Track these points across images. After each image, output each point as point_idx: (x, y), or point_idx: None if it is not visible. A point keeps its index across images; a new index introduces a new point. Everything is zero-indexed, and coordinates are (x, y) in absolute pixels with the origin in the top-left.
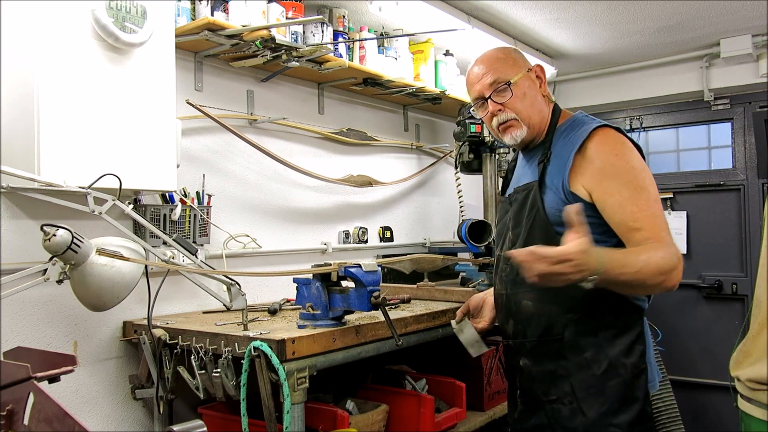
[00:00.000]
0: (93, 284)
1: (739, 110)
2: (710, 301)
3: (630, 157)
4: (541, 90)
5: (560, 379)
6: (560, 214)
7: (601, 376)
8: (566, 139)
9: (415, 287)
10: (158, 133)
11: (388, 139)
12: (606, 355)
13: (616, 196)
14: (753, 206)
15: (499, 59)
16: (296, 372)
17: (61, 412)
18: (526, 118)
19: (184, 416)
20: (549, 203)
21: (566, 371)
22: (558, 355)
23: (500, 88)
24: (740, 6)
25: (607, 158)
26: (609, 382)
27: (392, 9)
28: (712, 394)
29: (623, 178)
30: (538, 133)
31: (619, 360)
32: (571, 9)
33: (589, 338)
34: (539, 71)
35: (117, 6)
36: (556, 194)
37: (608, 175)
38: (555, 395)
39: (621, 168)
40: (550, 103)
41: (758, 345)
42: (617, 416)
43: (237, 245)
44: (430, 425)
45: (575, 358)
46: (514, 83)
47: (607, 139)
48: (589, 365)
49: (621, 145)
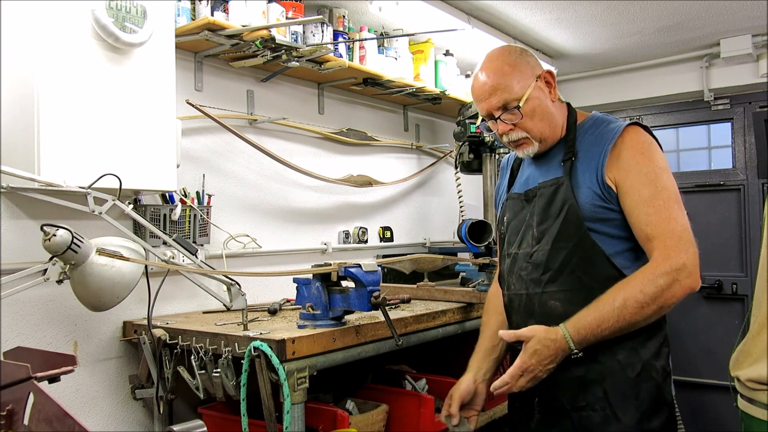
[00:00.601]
0: (93, 284)
1: (739, 110)
2: (710, 301)
3: (656, 157)
4: (551, 96)
5: (591, 384)
6: (595, 210)
7: (635, 379)
8: (593, 136)
9: (415, 287)
10: (158, 133)
11: (388, 139)
12: (640, 357)
13: (635, 195)
14: (753, 206)
15: (506, 74)
16: (296, 372)
17: (61, 412)
18: (537, 135)
19: (184, 416)
20: (583, 198)
21: (599, 375)
22: (588, 359)
23: (509, 109)
24: (740, 6)
25: (633, 155)
26: (643, 385)
27: (392, 9)
28: (712, 394)
29: (646, 177)
30: (554, 140)
31: (651, 363)
32: (571, 9)
33: (622, 340)
34: (548, 77)
35: (117, 6)
36: (590, 189)
37: (632, 172)
38: (584, 401)
39: (645, 167)
40: (562, 104)
41: (758, 345)
42: (651, 421)
43: (237, 245)
44: (430, 425)
45: (608, 361)
46: (528, 101)
47: (637, 137)
48: (623, 368)
49: (649, 144)
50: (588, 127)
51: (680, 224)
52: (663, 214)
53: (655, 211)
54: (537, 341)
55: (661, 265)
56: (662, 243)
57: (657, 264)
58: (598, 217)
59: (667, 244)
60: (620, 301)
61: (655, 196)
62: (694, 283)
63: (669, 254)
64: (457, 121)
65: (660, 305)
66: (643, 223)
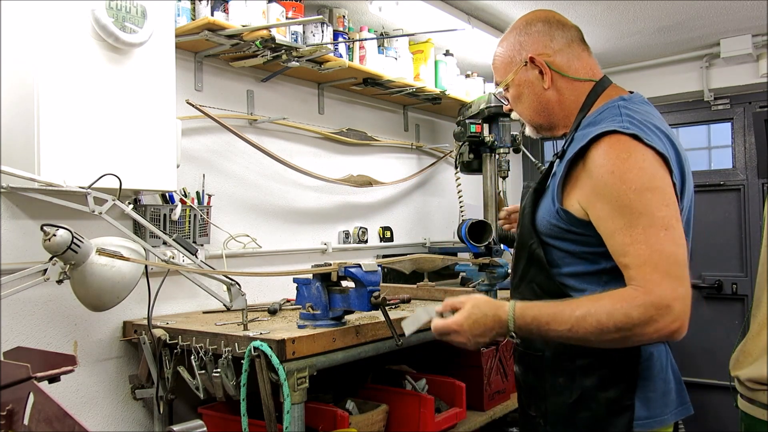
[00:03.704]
0: (93, 284)
1: (739, 110)
2: (710, 301)
3: (631, 176)
4: (544, 83)
5: (539, 397)
6: (550, 227)
7: (572, 405)
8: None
9: (415, 287)
10: (158, 133)
11: (388, 139)
12: (579, 384)
13: (608, 223)
14: (753, 206)
15: (496, 57)
16: (296, 372)
17: (61, 412)
18: (527, 118)
19: (184, 416)
20: (542, 212)
21: (543, 391)
22: (539, 371)
23: (501, 89)
24: (740, 6)
25: (602, 175)
26: (579, 414)
27: (392, 9)
28: (712, 394)
29: (617, 202)
30: (555, 127)
31: (592, 393)
32: (571, 9)
33: (565, 362)
34: (537, 61)
35: (117, 6)
36: (551, 204)
37: (600, 196)
38: (533, 411)
39: (615, 190)
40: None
41: (758, 345)
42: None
43: (237, 245)
44: (430, 425)
45: (551, 379)
46: (508, 87)
47: (609, 150)
48: (561, 391)
49: (623, 161)
50: (590, 121)
51: (666, 256)
52: (643, 244)
53: (632, 241)
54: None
55: (640, 297)
56: (641, 276)
57: (637, 294)
58: (555, 234)
59: (646, 278)
60: (581, 313)
61: (630, 224)
62: (679, 328)
63: (652, 289)
64: (457, 121)
65: (623, 337)
66: (620, 254)
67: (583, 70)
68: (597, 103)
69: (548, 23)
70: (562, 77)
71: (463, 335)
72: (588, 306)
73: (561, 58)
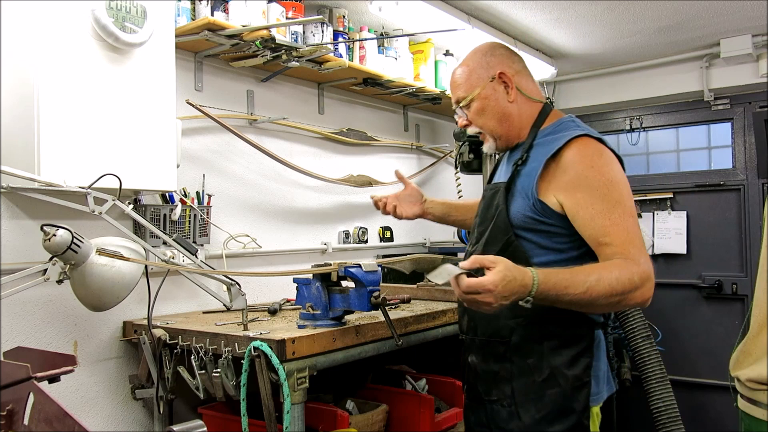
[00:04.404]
0: (93, 284)
1: (739, 110)
2: (710, 301)
3: (606, 170)
4: (509, 97)
5: (502, 381)
6: (525, 219)
7: (541, 383)
8: (546, 144)
9: (415, 287)
10: (158, 133)
11: (388, 139)
12: (549, 363)
13: (588, 209)
14: (753, 206)
15: (461, 75)
16: (296, 372)
17: (61, 412)
18: (489, 131)
19: (184, 416)
20: (516, 207)
21: (509, 374)
22: (503, 357)
23: (463, 105)
24: (740, 6)
25: (582, 170)
26: (548, 391)
27: (392, 9)
28: (712, 394)
29: (597, 192)
30: (513, 138)
31: (561, 370)
32: (571, 9)
33: (534, 345)
34: (504, 77)
35: (117, 6)
36: (525, 199)
37: (581, 187)
38: (495, 396)
39: (595, 181)
40: (533, 104)
41: (758, 345)
42: (552, 425)
43: (237, 245)
44: (430, 425)
45: (519, 362)
46: (473, 101)
47: (584, 149)
48: (531, 371)
49: (598, 157)
50: (547, 132)
51: (639, 239)
52: (621, 226)
53: (612, 223)
54: (507, 269)
55: (634, 266)
56: (625, 250)
57: (629, 263)
58: (529, 227)
59: (630, 252)
60: (595, 277)
61: (609, 209)
62: (650, 298)
63: (638, 261)
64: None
65: (620, 300)
66: (600, 234)
67: (535, 92)
68: (547, 121)
69: (508, 50)
70: (521, 94)
71: (493, 295)
72: (599, 272)
73: (519, 78)
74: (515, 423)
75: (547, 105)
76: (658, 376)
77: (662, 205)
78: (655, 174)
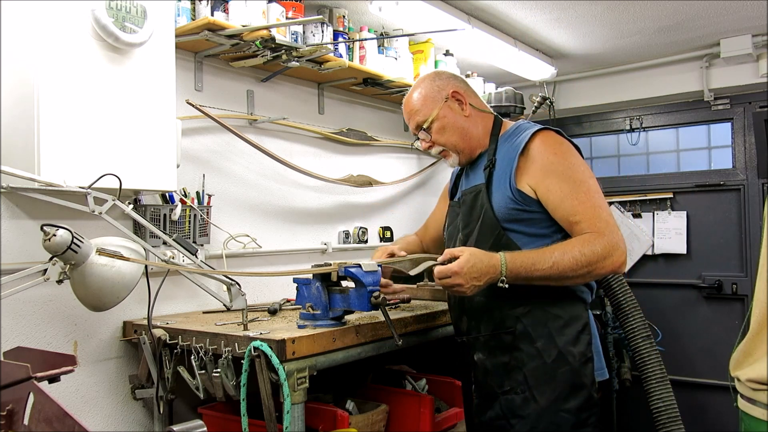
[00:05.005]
0: (93, 284)
1: (739, 110)
2: (710, 301)
3: (568, 155)
4: (464, 112)
5: (513, 369)
6: (509, 212)
7: (552, 364)
8: (510, 145)
9: (415, 287)
10: (158, 133)
11: (388, 139)
12: (556, 344)
13: (557, 191)
14: (753, 206)
15: (417, 101)
16: (296, 372)
17: (61, 412)
18: (452, 147)
19: (184, 416)
20: (497, 202)
21: (519, 362)
22: (511, 347)
23: (423, 129)
24: (740, 6)
25: (547, 157)
26: (559, 370)
27: (392, 9)
28: (712, 394)
29: (563, 175)
30: (475, 149)
31: (568, 348)
32: (571, 9)
33: (540, 329)
34: (457, 95)
35: (117, 6)
36: (503, 193)
37: (549, 172)
38: (509, 386)
39: (560, 165)
40: (485, 116)
41: (758, 345)
42: (567, 402)
43: (237, 245)
44: (430, 425)
45: (528, 348)
46: (433, 122)
47: (546, 140)
48: (540, 355)
49: (559, 145)
50: (508, 136)
51: (606, 212)
52: (587, 203)
53: (579, 202)
54: (472, 254)
55: (598, 238)
56: (593, 225)
57: (595, 237)
58: (513, 218)
59: (597, 226)
60: (558, 253)
61: (575, 189)
62: (623, 263)
63: (604, 232)
64: None
65: (590, 271)
66: (570, 214)
67: (483, 106)
68: (503, 128)
69: (452, 73)
70: (473, 108)
71: (462, 277)
72: (563, 248)
73: (469, 95)
74: (532, 406)
75: (497, 116)
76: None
77: (662, 205)
78: (655, 174)
